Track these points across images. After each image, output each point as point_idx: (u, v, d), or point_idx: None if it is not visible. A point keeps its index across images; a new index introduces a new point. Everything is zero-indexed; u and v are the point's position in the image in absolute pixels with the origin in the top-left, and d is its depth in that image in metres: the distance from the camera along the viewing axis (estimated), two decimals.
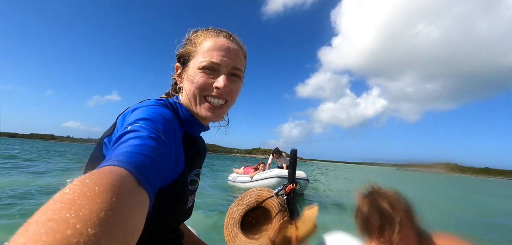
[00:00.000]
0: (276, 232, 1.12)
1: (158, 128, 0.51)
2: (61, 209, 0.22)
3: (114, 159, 0.36)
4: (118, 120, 0.61)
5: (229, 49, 0.68)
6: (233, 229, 1.18)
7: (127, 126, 0.49)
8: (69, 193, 0.25)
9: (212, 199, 6.50)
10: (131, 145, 0.41)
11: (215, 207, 5.66)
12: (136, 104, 0.62)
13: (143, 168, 0.37)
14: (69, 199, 0.24)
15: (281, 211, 1.16)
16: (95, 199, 0.25)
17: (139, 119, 0.52)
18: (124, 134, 0.46)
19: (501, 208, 10.69)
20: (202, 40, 0.69)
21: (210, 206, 5.71)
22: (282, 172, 7.15)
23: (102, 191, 0.26)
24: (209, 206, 5.67)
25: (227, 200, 6.55)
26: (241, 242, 1.15)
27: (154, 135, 0.47)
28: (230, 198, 6.80)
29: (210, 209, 5.37)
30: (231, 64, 0.68)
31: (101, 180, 0.28)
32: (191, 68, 0.69)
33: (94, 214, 0.23)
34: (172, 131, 0.58)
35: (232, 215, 1.21)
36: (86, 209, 0.23)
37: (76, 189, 0.25)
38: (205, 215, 4.82)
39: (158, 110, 0.58)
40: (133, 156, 0.38)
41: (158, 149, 0.45)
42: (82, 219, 0.22)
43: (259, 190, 1.24)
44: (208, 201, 6.18)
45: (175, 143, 0.61)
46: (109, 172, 0.31)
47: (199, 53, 0.67)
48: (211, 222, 4.32)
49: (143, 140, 0.44)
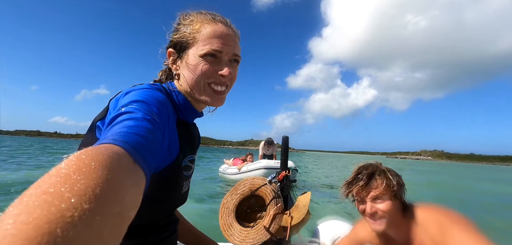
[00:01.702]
0: (270, 219, 1.13)
1: (152, 111, 0.51)
2: (56, 183, 0.22)
3: (109, 137, 0.36)
4: (111, 103, 0.61)
5: (228, 35, 0.69)
6: (228, 218, 1.19)
7: (121, 107, 0.49)
8: (64, 168, 0.24)
9: (203, 190, 6.52)
10: (126, 126, 0.41)
11: (205, 197, 5.68)
12: (130, 87, 0.61)
13: (139, 148, 0.37)
14: (64, 174, 0.23)
15: (275, 198, 1.17)
16: (91, 174, 0.24)
17: (133, 101, 0.51)
18: (118, 116, 0.46)
19: (484, 188, 11.30)
20: (200, 27, 0.68)
21: (201, 196, 5.72)
22: (270, 163, 7.24)
23: (98, 167, 0.26)
24: (201, 196, 5.69)
25: (217, 191, 6.58)
26: (236, 231, 1.16)
27: (149, 117, 0.47)
28: (219, 189, 6.83)
29: (201, 200, 5.39)
30: (231, 51, 0.69)
31: (97, 156, 0.28)
32: (191, 55, 0.68)
33: (89, 189, 0.23)
34: (166, 115, 0.58)
35: (227, 205, 1.21)
36: (81, 184, 0.23)
37: (72, 164, 0.25)
38: (197, 206, 4.83)
39: (152, 93, 0.58)
40: (129, 135, 0.38)
41: (152, 131, 0.45)
42: (77, 194, 0.22)
43: (252, 179, 1.25)
44: (200, 191, 6.19)
45: (169, 127, 0.61)
46: (105, 149, 0.30)
47: (199, 40, 0.67)
48: (203, 212, 4.35)
49: (138, 121, 0.44)
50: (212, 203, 4.99)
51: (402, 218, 1.01)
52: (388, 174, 1.02)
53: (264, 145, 8.20)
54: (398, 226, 1.01)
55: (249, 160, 8.11)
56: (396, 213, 1.00)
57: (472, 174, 24.40)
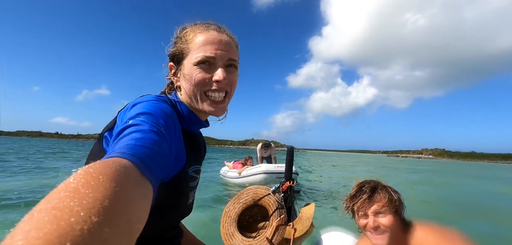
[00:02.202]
0: (273, 231, 1.11)
1: (159, 123, 0.52)
2: (65, 197, 0.23)
3: (117, 151, 0.36)
4: (119, 115, 0.61)
5: (221, 41, 0.68)
6: (229, 228, 1.16)
7: (128, 120, 0.49)
8: (73, 182, 0.25)
9: (205, 193, 6.50)
10: (133, 138, 0.42)
11: (207, 201, 5.65)
12: (137, 99, 0.62)
13: (146, 160, 0.37)
14: (73, 188, 0.24)
15: (278, 209, 1.15)
16: (99, 187, 0.25)
17: (140, 113, 0.52)
18: (126, 128, 0.46)
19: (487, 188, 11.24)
20: (193, 37, 0.68)
21: (202, 199, 5.69)
22: (269, 167, 7.22)
23: (106, 180, 0.26)
24: (203, 201, 5.67)
25: (218, 195, 6.54)
26: (237, 241, 1.13)
27: (156, 129, 0.48)
28: (220, 193, 6.79)
29: (202, 203, 5.36)
30: (226, 56, 0.68)
31: (105, 169, 0.28)
32: (186, 66, 0.69)
33: (98, 202, 0.23)
34: (172, 126, 0.59)
35: (229, 214, 1.19)
36: (90, 197, 0.23)
37: (80, 178, 0.26)
38: (198, 210, 4.81)
39: (159, 105, 0.58)
40: (136, 148, 0.38)
41: (159, 142, 0.45)
42: (86, 207, 0.22)
43: (255, 188, 1.22)
44: (201, 195, 6.17)
45: (176, 138, 0.62)
46: (112, 163, 0.31)
47: (192, 50, 0.67)
48: (204, 218, 4.32)
49: (145, 133, 0.44)
50: (214, 209, 4.95)
51: (402, 234, 1.02)
52: (390, 189, 1.04)
53: (261, 148, 8.18)
54: (399, 243, 1.01)
55: (249, 164, 8.12)
56: (397, 228, 1.01)
57: (475, 172, 24.32)
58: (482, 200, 8.18)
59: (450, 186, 11.63)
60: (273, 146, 8.29)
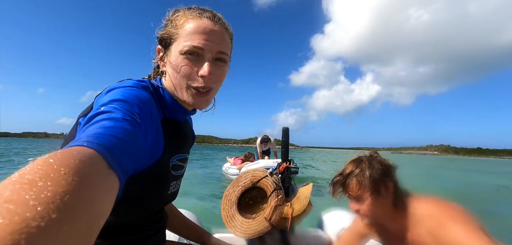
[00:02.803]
0: (271, 210, 1.14)
1: (134, 110, 0.49)
2: (20, 189, 0.20)
3: (84, 139, 0.33)
4: (95, 100, 0.58)
5: (213, 31, 0.63)
6: (230, 210, 1.20)
7: (100, 106, 0.46)
8: (29, 173, 0.22)
9: (206, 187, 6.57)
10: (103, 127, 0.39)
11: (208, 196, 5.73)
12: (113, 84, 0.58)
13: (115, 151, 0.34)
14: (29, 180, 0.22)
15: (276, 190, 1.18)
16: (60, 181, 0.23)
17: (114, 100, 0.48)
18: (96, 115, 0.43)
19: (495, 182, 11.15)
20: (184, 22, 0.63)
21: (204, 195, 5.78)
22: (268, 163, 7.20)
23: (68, 173, 0.24)
24: (204, 195, 5.74)
25: (220, 191, 6.61)
26: (238, 222, 1.17)
27: (129, 118, 0.45)
28: (221, 189, 6.84)
29: (204, 197, 5.45)
30: (216, 48, 0.63)
31: (67, 160, 0.26)
32: (173, 52, 0.64)
33: (58, 197, 0.21)
34: (149, 114, 0.55)
35: (229, 197, 1.23)
36: (48, 191, 0.21)
37: (38, 169, 0.23)
38: (200, 203, 4.90)
39: (135, 92, 0.54)
40: (105, 137, 0.35)
41: (132, 132, 0.42)
42: (44, 202, 0.20)
43: (253, 171, 1.26)
44: (202, 191, 6.26)
45: (153, 127, 0.58)
46: (76, 153, 0.28)
47: (181, 36, 0.62)
48: (208, 208, 4.39)
49: (117, 122, 0.41)
50: (212, 204, 4.99)
51: (395, 211, 0.97)
52: (366, 172, 0.97)
53: (260, 143, 8.22)
54: (391, 219, 0.99)
55: (250, 160, 8.18)
56: (382, 209, 0.97)
57: (482, 168, 24.05)
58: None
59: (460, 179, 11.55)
60: (273, 141, 8.30)
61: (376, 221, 1.00)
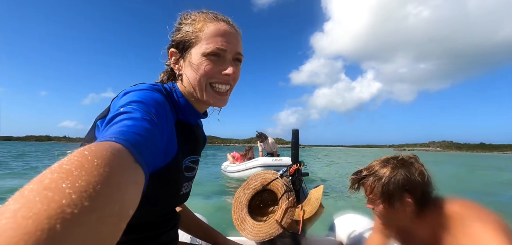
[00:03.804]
0: (282, 213, 1.14)
1: (151, 111, 0.52)
2: (58, 178, 0.22)
3: (110, 135, 0.36)
4: (112, 103, 0.61)
5: (231, 34, 0.68)
6: (240, 213, 1.20)
7: (120, 108, 0.49)
8: (67, 164, 0.24)
9: (206, 186, 6.62)
10: (125, 125, 0.41)
11: (207, 195, 5.79)
12: (129, 87, 0.61)
13: (139, 147, 0.37)
14: (66, 169, 0.24)
15: (286, 192, 1.17)
16: (93, 171, 0.25)
17: (132, 101, 0.52)
18: (117, 115, 0.46)
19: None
20: (203, 26, 0.67)
21: (204, 193, 5.85)
22: (267, 160, 7.19)
23: (100, 164, 0.26)
24: (203, 194, 5.81)
25: (220, 189, 6.66)
26: (249, 225, 1.17)
27: (148, 117, 0.48)
28: (220, 188, 6.90)
29: (203, 197, 5.51)
30: (235, 49, 0.69)
31: (100, 152, 0.28)
32: (194, 55, 0.67)
33: (90, 186, 0.23)
34: (164, 116, 0.58)
35: (239, 200, 1.22)
36: (82, 180, 0.23)
37: (75, 160, 0.25)
38: (204, 202, 4.97)
39: (150, 94, 0.58)
40: (129, 134, 0.38)
41: (151, 131, 0.45)
42: (78, 191, 0.22)
43: (264, 173, 1.25)
44: (203, 190, 6.30)
45: (167, 128, 0.61)
46: (108, 146, 0.30)
47: (202, 40, 0.66)
48: (207, 208, 4.42)
49: (137, 121, 0.44)
50: (211, 201, 5.02)
51: (413, 219, 0.92)
52: (383, 180, 0.90)
53: (259, 141, 8.27)
54: (409, 224, 0.94)
55: (250, 155, 8.15)
56: (396, 217, 0.92)
57: (487, 163, 23.88)
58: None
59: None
60: (268, 138, 8.25)
61: (390, 225, 0.98)
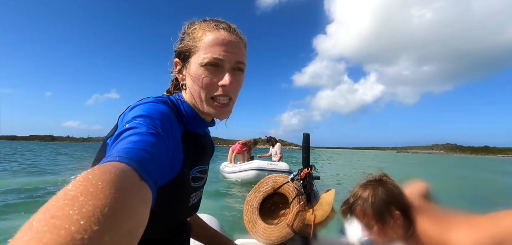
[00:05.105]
0: (293, 216, 1.15)
1: (156, 124, 0.51)
2: (64, 205, 0.22)
3: (115, 155, 0.35)
4: (119, 120, 0.60)
5: (230, 42, 0.65)
6: (252, 216, 1.21)
7: (125, 124, 0.49)
8: (72, 190, 0.24)
9: (206, 187, 6.67)
10: (130, 142, 0.41)
11: (208, 194, 5.83)
12: (135, 103, 0.61)
13: (144, 163, 0.36)
14: (72, 196, 0.24)
15: (298, 196, 1.18)
16: (98, 194, 0.25)
17: (137, 116, 0.51)
18: (123, 132, 0.46)
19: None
20: (202, 35, 0.66)
21: (212, 195, 5.93)
22: (261, 164, 7.02)
23: (105, 187, 0.26)
24: (212, 195, 5.88)
25: (217, 187, 6.68)
26: (260, 228, 1.18)
27: (153, 131, 0.47)
28: (218, 186, 6.90)
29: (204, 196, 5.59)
30: (234, 58, 0.66)
31: (104, 175, 0.28)
32: (192, 65, 0.66)
33: (98, 210, 0.23)
34: (169, 127, 0.57)
35: (250, 203, 1.24)
36: (89, 205, 0.23)
37: (79, 185, 0.25)
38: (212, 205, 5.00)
39: (155, 107, 0.57)
40: (134, 151, 0.37)
41: (157, 144, 0.45)
42: (86, 216, 0.22)
43: (275, 177, 1.26)
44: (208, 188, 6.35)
45: (173, 140, 0.60)
46: (111, 167, 0.30)
47: (200, 49, 0.65)
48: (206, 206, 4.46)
49: (142, 136, 0.44)
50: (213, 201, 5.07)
51: (408, 236, 0.92)
52: (369, 200, 0.93)
53: (271, 144, 8.22)
54: (408, 241, 0.92)
55: (248, 153, 8.04)
56: (393, 235, 0.92)
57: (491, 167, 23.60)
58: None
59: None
60: (277, 144, 8.19)
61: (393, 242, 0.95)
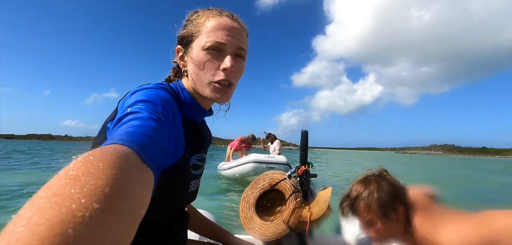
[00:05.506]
0: (290, 213, 1.14)
1: (158, 110, 0.51)
2: (66, 184, 0.23)
3: (116, 138, 0.36)
4: (119, 104, 0.61)
5: (233, 28, 0.67)
6: (248, 212, 1.21)
7: (127, 108, 0.49)
8: (73, 169, 0.25)
9: (204, 185, 6.67)
10: (132, 126, 0.41)
11: (207, 194, 5.86)
12: (136, 88, 0.61)
13: (146, 147, 0.36)
14: (73, 175, 0.24)
15: (294, 193, 1.18)
16: (100, 175, 0.25)
17: (138, 101, 0.51)
18: (125, 116, 0.46)
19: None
20: (205, 20, 0.67)
21: (203, 192, 5.89)
22: (259, 157, 6.98)
23: (106, 168, 0.26)
24: (202, 192, 5.86)
25: (215, 187, 6.70)
26: (256, 224, 1.18)
27: (155, 116, 0.47)
28: (216, 186, 6.92)
29: (203, 195, 5.58)
30: (236, 43, 0.67)
31: (105, 157, 0.28)
32: (194, 49, 0.67)
33: (99, 190, 0.23)
34: (171, 114, 0.58)
35: (247, 199, 1.24)
36: (90, 184, 0.23)
37: (80, 166, 0.26)
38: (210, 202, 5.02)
39: (157, 93, 0.57)
40: (135, 135, 0.38)
41: (159, 129, 0.45)
42: (87, 195, 0.22)
43: (272, 173, 1.26)
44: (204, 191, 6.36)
45: (175, 125, 0.61)
46: (113, 150, 0.30)
47: (203, 33, 0.66)
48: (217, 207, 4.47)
49: (144, 120, 0.44)
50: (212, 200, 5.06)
51: (408, 234, 0.92)
52: (375, 195, 0.92)
53: (270, 141, 8.18)
54: (406, 241, 0.93)
55: (245, 148, 7.99)
56: (394, 232, 0.91)
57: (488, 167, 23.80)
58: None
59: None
60: (277, 141, 8.21)
61: (394, 240, 0.95)
